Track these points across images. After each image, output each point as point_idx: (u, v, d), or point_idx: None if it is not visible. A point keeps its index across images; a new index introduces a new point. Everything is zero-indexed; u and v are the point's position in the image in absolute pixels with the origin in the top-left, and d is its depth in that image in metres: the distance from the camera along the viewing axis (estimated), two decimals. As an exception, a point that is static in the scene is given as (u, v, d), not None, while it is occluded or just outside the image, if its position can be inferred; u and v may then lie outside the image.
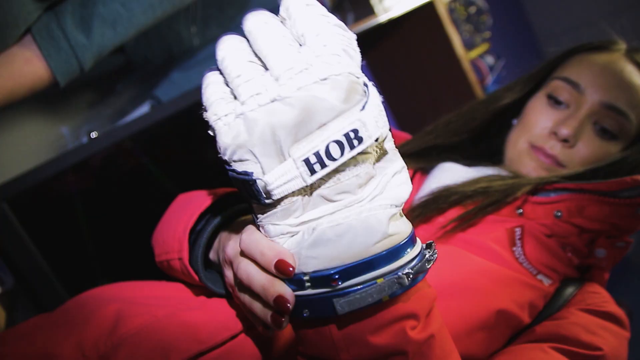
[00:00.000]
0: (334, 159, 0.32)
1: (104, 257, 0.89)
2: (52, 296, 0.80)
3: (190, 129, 0.96)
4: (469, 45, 2.02)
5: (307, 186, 0.33)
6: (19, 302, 0.83)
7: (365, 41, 1.79)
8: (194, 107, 0.91)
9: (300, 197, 0.33)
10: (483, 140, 0.80)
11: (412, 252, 0.35)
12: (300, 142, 0.32)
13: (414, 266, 0.34)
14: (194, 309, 0.51)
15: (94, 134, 0.96)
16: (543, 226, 0.61)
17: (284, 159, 0.32)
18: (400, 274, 0.33)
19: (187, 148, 1.01)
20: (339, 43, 0.32)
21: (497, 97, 0.78)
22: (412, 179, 0.75)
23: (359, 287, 0.33)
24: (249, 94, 0.32)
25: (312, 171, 0.32)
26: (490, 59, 2.08)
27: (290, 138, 0.32)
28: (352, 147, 0.32)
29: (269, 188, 0.32)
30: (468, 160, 0.75)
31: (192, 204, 0.54)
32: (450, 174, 0.71)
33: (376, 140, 0.33)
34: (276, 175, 0.32)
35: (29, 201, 0.80)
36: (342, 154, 0.32)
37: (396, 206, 0.35)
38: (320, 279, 0.33)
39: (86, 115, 1.05)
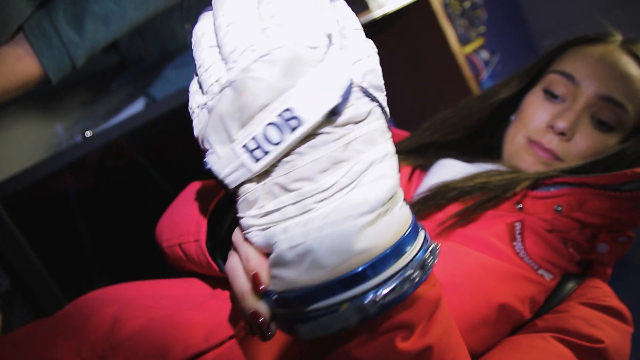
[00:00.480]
0: (275, 144, 0.29)
1: (100, 257, 0.88)
2: (48, 297, 0.79)
3: (186, 127, 0.95)
4: (463, 40, 2.01)
5: (257, 175, 0.30)
6: (15, 304, 0.83)
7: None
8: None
9: (259, 186, 0.30)
10: (481, 137, 0.80)
11: (396, 265, 0.29)
12: (244, 127, 0.29)
13: (388, 291, 0.29)
14: (193, 309, 0.50)
15: (88, 133, 0.95)
16: (543, 221, 0.61)
17: None
18: (366, 301, 0.28)
19: (183, 146, 1.00)
20: (289, 11, 0.29)
21: (493, 93, 0.78)
22: (410, 176, 0.75)
23: (321, 312, 0.29)
24: (208, 84, 0.31)
25: (256, 158, 0.29)
26: (485, 54, 2.07)
27: (236, 124, 0.29)
28: (292, 128, 0.28)
29: (220, 178, 0.31)
30: (466, 156, 0.75)
31: (210, 189, 0.52)
32: (448, 170, 0.70)
33: (334, 114, 0.29)
34: (222, 164, 0.30)
35: (24, 201, 0.79)
36: (282, 137, 0.28)
37: (370, 212, 0.29)
38: (284, 301, 0.30)
39: (80, 113, 1.04)
